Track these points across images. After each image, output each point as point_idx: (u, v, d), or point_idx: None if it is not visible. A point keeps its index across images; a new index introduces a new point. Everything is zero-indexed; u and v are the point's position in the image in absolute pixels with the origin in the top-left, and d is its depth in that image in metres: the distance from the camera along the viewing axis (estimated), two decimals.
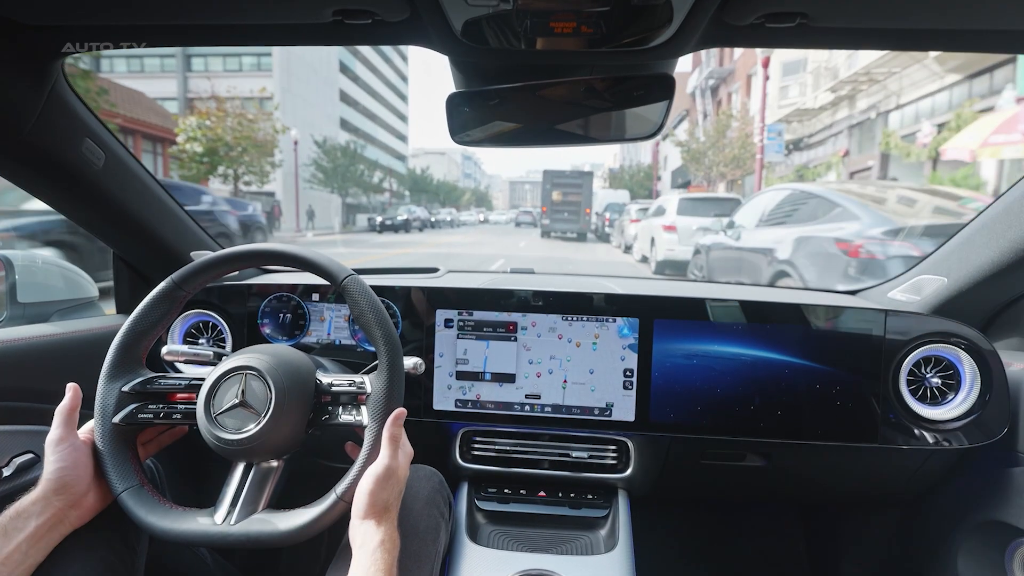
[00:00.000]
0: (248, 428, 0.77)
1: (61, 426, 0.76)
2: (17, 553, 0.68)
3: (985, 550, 1.18)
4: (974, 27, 0.77)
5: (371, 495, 0.74)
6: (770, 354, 1.16)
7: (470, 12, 0.71)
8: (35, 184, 1.01)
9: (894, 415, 1.14)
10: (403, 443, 0.81)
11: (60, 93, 0.92)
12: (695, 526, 1.75)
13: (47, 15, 0.78)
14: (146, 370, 0.87)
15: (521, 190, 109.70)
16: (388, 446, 0.77)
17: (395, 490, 0.77)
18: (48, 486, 0.72)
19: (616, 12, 0.72)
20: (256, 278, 1.42)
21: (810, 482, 1.36)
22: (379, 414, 0.80)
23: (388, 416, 0.79)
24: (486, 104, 0.96)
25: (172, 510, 0.78)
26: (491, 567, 1.03)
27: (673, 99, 0.89)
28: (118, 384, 0.83)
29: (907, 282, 1.32)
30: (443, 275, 1.46)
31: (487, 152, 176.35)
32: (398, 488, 0.78)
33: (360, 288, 0.85)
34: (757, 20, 0.72)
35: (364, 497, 0.74)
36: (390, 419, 0.79)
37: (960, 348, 1.14)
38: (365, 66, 48.47)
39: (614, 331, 1.18)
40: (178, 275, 0.88)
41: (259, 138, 19.58)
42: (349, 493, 0.76)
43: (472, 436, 1.25)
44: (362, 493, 0.75)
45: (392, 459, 0.77)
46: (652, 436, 1.20)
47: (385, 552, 0.71)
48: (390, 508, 0.76)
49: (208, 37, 0.88)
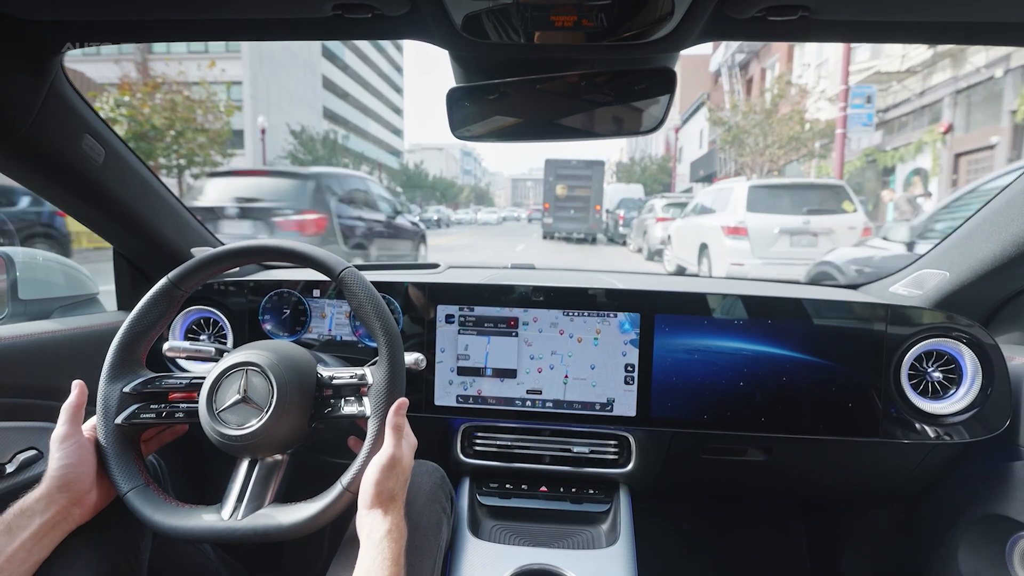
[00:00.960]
0: (251, 424, 0.77)
1: (67, 423, 0.76)
2: (22, 550, 0.68)
3: (986, 544, 1.18)
4: (977, 19, 0.77)
5: (377, 484, 0.74)
6: (771, 349, 1.16)
7: (470, 6, 0.71)
8: (35, 181, 1.01)
9: (895, 409, 1.14)
10: (407, 432, 0.81)
11: (60, 89, 0.92)
12: (696, 521, 1.75)
13: (46, 11, 0.78)
14: (146, 370, 0.87)
15: (523, 187, 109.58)
16: (392, 435, 0.77)
17: (400, 479, 0.77)
18: (53, 483, 0.72)
19: (617, 6, 0.71)
20: (257, 274, 1.42)
21: (811, 477, 1.36)
22: (381, 404, 0.80)
23: (390, 406, 0.79)
24: (486, 99, 0.96)
25: (178, 508, 0.78)
26: (493, 562, 1.03)
27: (675, 93, 0.89)
28: (119, 385, 0.83)
29: (909, 276, 1.32)
30: (444, 271, 1.46)
31: (489, 149, 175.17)
32: (403, 477, 0.78)
33: (358, 281, 0.85)
34: (759, 13, 0.72)
35: (370, 487, 0.74)
36: (392, 408, 0.79)
37: (961, 342, 1.14)
38: (354, 53, 46.00)
39: (615, 326, 1.18)
40: (175, 274, 0.87)
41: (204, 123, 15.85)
42: (355, 484, 0.76)
43: (473, 431, 1.25)
44: (368, 483, 0.75)
45: (396, 448, 0.77)
46: (653, 431, 1.20)
47: (392, 541, 0.71)
48: (396, 497, 0.76)
49: (207, 33, 0.88)
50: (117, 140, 1.06)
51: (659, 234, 10.58)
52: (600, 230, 18.21)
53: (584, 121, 0.98)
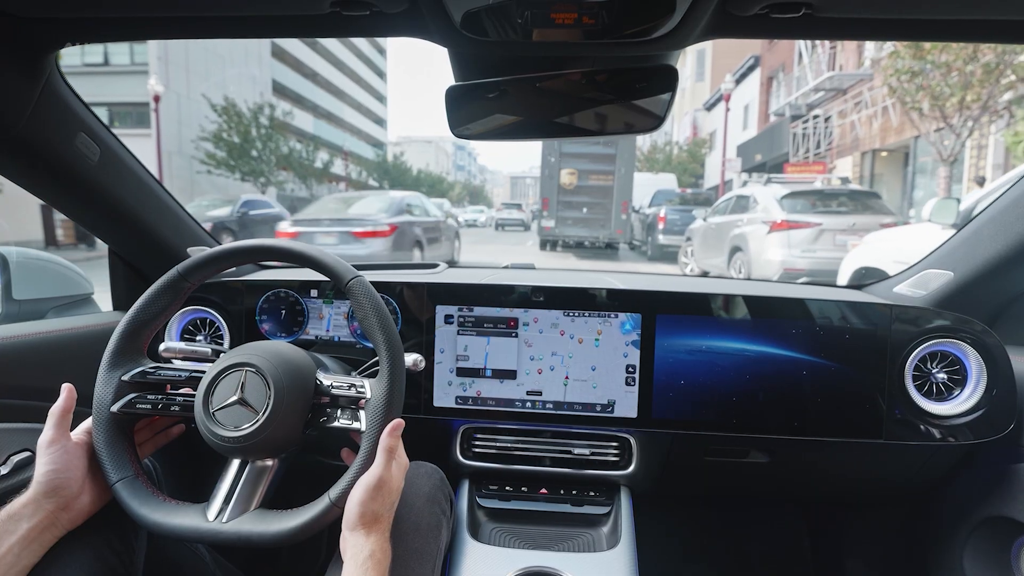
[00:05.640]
0: (245, 426, 0.76)
1: (53, 428, 0.76)
2: (9, 555, 0.67)
3: (991, 547, 1.17)
4: (981, 17, 0.76)
5: (361, 505, 0.73)
6: (774, 349, 1.15)
7: (470, 3, 0.70)
8: (30, 179, 1.00)
9: (899, 411, 1.13)
10: (399, 454, 0.80)
11: (54, 87, 0.91)
12: (698, 523, 1.74)
13: (40, 8, 0.77)
14: (147, 360, 0.87)
15: (522, 185, 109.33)
16: (382, 456, 0.76)
17: (387, 501, 0.76)
18: (39, 488, 0.72)
19: (618, 3, 0.70)
20: (254, 274, 1.41)
21: (814, 478, 1.35)
22: (377, 421, 0.79)
23: (386, 424, 0.78)
24: (486, 97, 0.95)
25: (165, 503, 0.77)
26: (493, 564, 1.02)
27: (676, 91, 0.88)
28: (118, 373, 0.83)
29: (913, 276, 1.31)
30: (443, 271, 1.45)
31: (487, 146, 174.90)
32: (390, 500, 0.77)
33: (365, 290, 0.84)
34: (761, 10, 0.71)
35: (355, 507, 0.73)
36: (387, 429, 0.78)
37: (966, 343, 1.13)
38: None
39: (616, 327, 1.17)
40: (183, 266, 0.87)
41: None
42: (343, 498, 0.75)
43: (473, 433, 1.24)
44: (353, 503, 0.74)
45: (385, 470, 0.76)
46: (654, 433, 1.19)
47: (375, 563, 0.71)
48: (381, 519, 0.75)
49: (203, 30, 0.87)
50: (113, 139, 1.05)
51: (776, 252, 6.28)
52: (626, 238, 12.69)
53: (585, 119, 0.97)
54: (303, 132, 30.82)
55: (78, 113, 0.97)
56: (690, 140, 28.93)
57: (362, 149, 45.53)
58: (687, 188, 17.51)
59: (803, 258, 6.17)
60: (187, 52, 23.14)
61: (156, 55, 21.57)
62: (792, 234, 6.29)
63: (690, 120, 30.24)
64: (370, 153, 46.25)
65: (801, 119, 16.41)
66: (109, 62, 21.78)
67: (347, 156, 34.09)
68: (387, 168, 39.55)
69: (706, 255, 8.33)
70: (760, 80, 20.72)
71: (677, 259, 10.05)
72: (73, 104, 0.96)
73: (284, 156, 22.24)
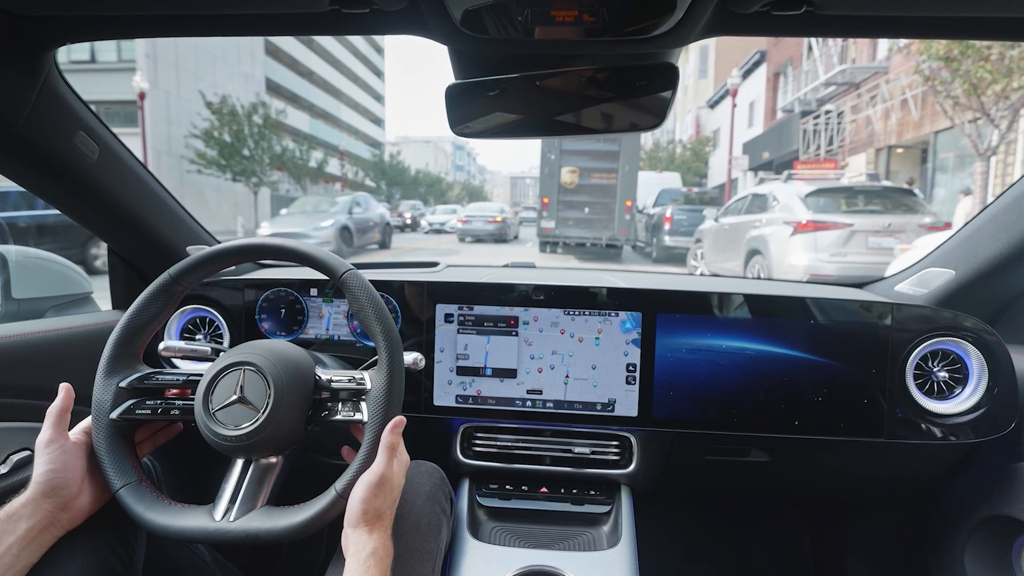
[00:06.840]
0: (246, 424, 0.76)
1: (51, 427, 0.75)
2: (8, 555, 0.67)
3: (993, 546, 1.17)
4: (983, 14, 0.75)
5: (363, 502, 0.73)
6: (775, 348, 1.14)
7: (469, 1, 0.70)
8: (28, 178, 1.00)
9: (900, 409, 1.13)
10: (400, 452, 0.80)
11: (53, 85, 0.90)
12: (699, 522, 1.74)
13: (39, 6, 0.77)
14: (143, 366, 0.87)
15: (522, 185, 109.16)
16: (384, 453, 0.76)
17: (388, 498, 0.76)
18: (37, 488, 0.72)
19: (618, 1, 0.70)
20: (253, 273, 1.41)
21: (815, 477, 1.35)
22: (378, 412, 0.79)
23: (387, 416, 0.78)
24: (486, 95, 0.94)
25: (170, 507, 0.77)
26: (493, 563, 1.02)
27: (677, 89, 0.88)
28: (115, 380, 0.82)
29: (915, 275, 1.30)
30: (443, 269, 1.45)
31: (487, 146, 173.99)
32: (392, 497, 0.77)
33: (359, 283, 0.84)
34: (763, 8, 0.71)
35: (356, 504, 0.73)
36: (389, 426, 0.78)
37: (967, 341, 1.12)
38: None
39: (617, 326, 1.17)
40: (175, 270, 0.87)
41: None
42: (348, 490, 0.75)
43: (473, 432, 1.24)
44: (355, 500, 0.74)
45: (387, 467, 0.76)
46: (655, 432, 1.19)
47: (377, 561, 0.70)
48: (383, 516, 0.75)
49: (202, 28, 0.87)
50: (112, 137, 1.05)
51: (802, 257, 5.83)
52: (630, 239, 12.07)
53: (585, 117, 0.96)
54: (298, 131, 30.29)
55: (77, 111, 0.96)
56: (693, 138, 28.18)
57: (359, 149, 45.09)
58: (692, 187, 17.00)
59: (831, 262, 5.62)
60: (177, 49, 22.44)
61: (144, 52, 20.90)
62: (819, 236, 5.73)
63: (693, 118, 29.33)
64: (367, 153, 45.81)
65: (811, 115, 15.68)
66: (96, 59, 21.23)
67: (343, 156, 33.07)
68: (384, 168, 39.26)
69: (718, 258, 7.78)
70: (766, 75, 20.04)
71: (685, 262, 9.41)
72: (72, 102, 0.95)
73: (277, 156, 21.50)
